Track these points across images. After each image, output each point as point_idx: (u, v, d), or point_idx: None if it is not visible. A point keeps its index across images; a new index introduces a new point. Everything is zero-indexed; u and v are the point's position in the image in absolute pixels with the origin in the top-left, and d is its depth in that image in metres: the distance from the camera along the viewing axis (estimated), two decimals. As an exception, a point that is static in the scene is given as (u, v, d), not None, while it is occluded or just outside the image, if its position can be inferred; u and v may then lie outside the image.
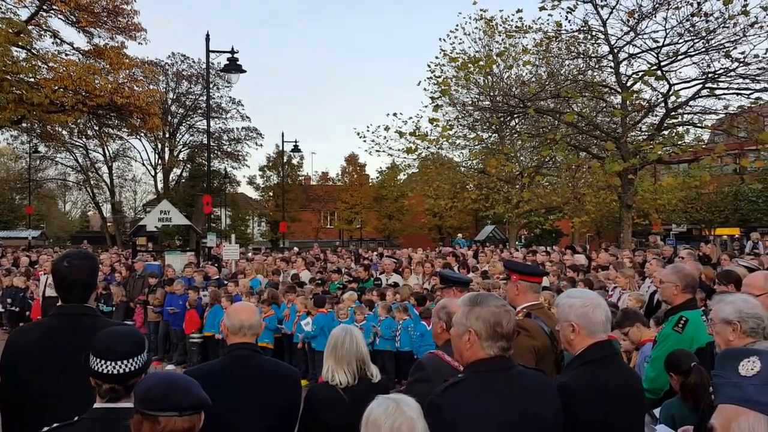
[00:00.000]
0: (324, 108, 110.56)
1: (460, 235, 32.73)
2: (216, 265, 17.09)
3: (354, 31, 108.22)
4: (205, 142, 25.50)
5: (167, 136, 43.19)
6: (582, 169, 23.02)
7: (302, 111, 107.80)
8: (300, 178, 49.82)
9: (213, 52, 17.57)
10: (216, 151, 41.98)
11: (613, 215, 27.60)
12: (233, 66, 17.17)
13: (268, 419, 3.28)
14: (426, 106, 33.49)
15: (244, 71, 17.36)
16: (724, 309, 3.23)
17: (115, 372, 2.40)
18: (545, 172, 25.46)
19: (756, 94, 14.57)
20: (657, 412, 4.16)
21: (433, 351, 3.61)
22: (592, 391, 2.85)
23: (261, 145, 47.88)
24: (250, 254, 22.76)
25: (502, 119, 17.75)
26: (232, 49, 16.99)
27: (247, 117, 43.32)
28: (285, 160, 42.59)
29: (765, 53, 13.58)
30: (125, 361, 2.42)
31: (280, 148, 39.11)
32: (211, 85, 34.88)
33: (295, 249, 24.32)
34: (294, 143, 34.78)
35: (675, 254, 13.27)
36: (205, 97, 29.93)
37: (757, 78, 14.16)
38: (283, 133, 45.46)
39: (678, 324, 4.37)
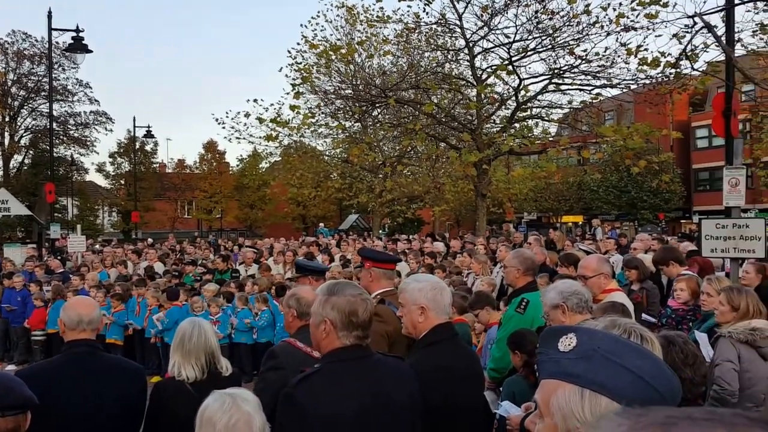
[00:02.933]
0: (180, 93, 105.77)
1: (322, 224, 32.75)
2: (60, 257, 15.99)
3: (212, 13, 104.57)
4: (49, 126, 23.51)
5: (6, 119, 39.45)
6: (441, 159, 23.83)
7: (156, 95, 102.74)
8: (154, 165, 47.38)
9: (56, 30, 16.54)
10: (61, 137, 38.93)
11: (470, 204, 28.87)
12: (78, 45, 16.26)
13: (110, 418, 3.11)
14: (288, 93, 33.00)
15: (90, 51, 16.46)
16: (549, 296, 3.46)
17: None
18: (407, 161, 26.07)
19: (596, 90, 15.72)
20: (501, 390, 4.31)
21: (286, 339, 3.55)
22: (435, 373, 2.89)
23: (111, 130, 44.80)
24: (98, 246, 21.34)
25: (363, 108, 17.87)
26: (77, 27, 16.05)
27: (96, 101, 40.28)
28: (137, 147, 40.50)
29: (605, 51, 14.68)
30: None
31: (132, 134, 37.21)
32: (55, 66, 32.45)
33: (149, 240, 23.15)
34: (147, 128, 33.20)
35: (525, 240, 14.07)
36: (48, 79, 27.68)
37: (597, 75, 15.25)
38: (134, 118, 42.90)
39: (520, 305, 4.57)
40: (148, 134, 33.96)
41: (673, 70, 12.28)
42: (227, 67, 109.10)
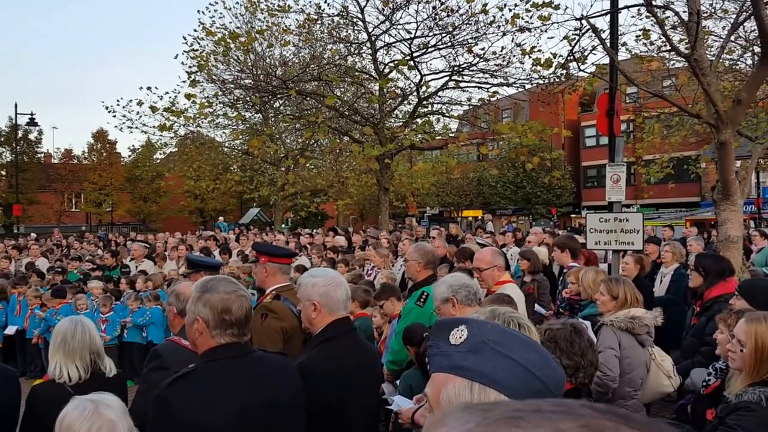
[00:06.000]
0: (67, 78, 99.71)
1: (221, 218, 31.91)
2: (-74, 256, 14.64)
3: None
4: None
5: None
6: (344, 153, 23.79)
7: (40, 80, 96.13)
8: (39, 155, 44.13)
9: None
10: (-68, 122, 35.68)
11: (374, 198, 29.03)
12: None
13: None
14: (183, 82, 31.80)
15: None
16: (439, 290, 3.52)
17: None
18: (309, 155, 25.84)
19: (494, 88, 16.21)
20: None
21: (169, 337, 3.44)
22: (326, 371, 2.86)
23: (-11, 116, 41.55)
24: (-24, 242, 19.71)
25: (264, 99, 17.52)
26: None
27: (-29, 84, 37.26)
28: (19, 135, 37.81)
29: (501, 51, 15.14)
30: None
31: (14, 121, 34.61)
32: None
33: (33, 235, 21.65)
34: (30, 116, 30.96)
35: (427, 234, 14.31)
36: None
37: (495, 73, 15.72)
38: (16, 104, 39.86)
39: (420, 299, 4.61)
40: (32, 122, 31.88)
41: (563, 71, 12.84)
42: (118, 54, 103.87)
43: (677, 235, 14.01)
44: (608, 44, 6.81)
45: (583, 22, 6.53)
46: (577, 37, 7.19)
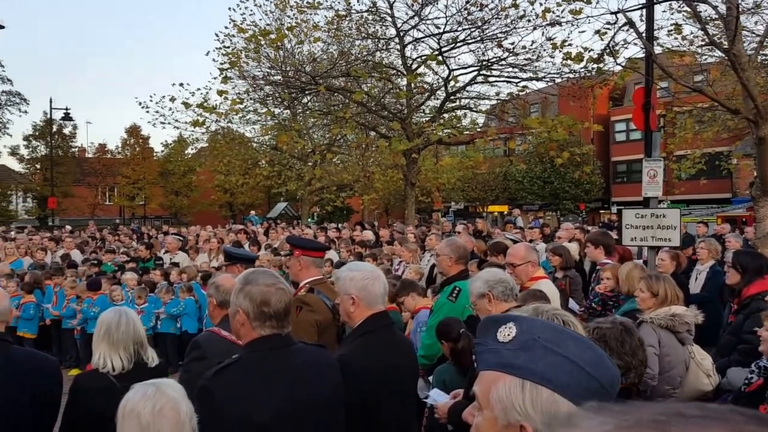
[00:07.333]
0: (101, 74, 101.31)
1: (253, 212, 32.20)
2: (-34, 245, 15.05)
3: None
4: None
5: None
6: (371, 147, 23.78)
7: (76, 76, 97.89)
8: (73, 149, 45.10)
9: None
10: (-29, 117, 36.60)
11: (399, 193, 29.03)
12: None
13: (20, 414, 2.93)
14: (215, 78, 32.10)
15: (2, 27, 15.53)
16: (475, 285, 3.49)
17: None
18: (336, 150, 25.91)
19: (523, 83, 16.06)
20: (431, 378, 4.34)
21: (210, 328, 3.49)
22: (368, 366, 2.87)
23: (26, 111, 42.56)
24: (13, 233, 20.17)
25: (293, 95, 17.61)
26: None
27: (9, 80, 38.03)
28: (54, 129, 38.48)
29: (531, 45, 15.00)
30: None
31: (49, 116, 35.27)
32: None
33: (68, 227, 22.08)
34: (65, 111, 31.58)
35: (453, 229, 14.25)
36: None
37: (524, 67, 15.58)
38: (51, 99, 40.56)
39: (452, 294, 4.60)
40: (66, 117, 32.49)
41: (595, 66, 12.69)
42: (152, 50, 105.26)
43: (710, 232, 13.78)
44: (644, 38, 6.71)
45: (619, 15, 6.45)
46: (613, 31, 7.10)
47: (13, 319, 8.26)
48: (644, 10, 6.81)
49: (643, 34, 6.80)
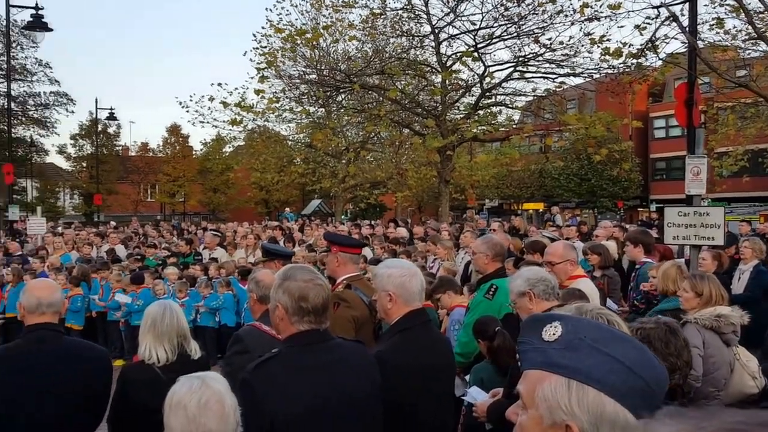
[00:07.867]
0: (143, 75, 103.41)
1: (288, 209, 32.51)
2: (19, 240, 15.55)
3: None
4: (7, 106, 22.88)
5: (-39, 99, 38.00)
6: (405, 145, 23.79)
7: (119, 77, 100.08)
8: (117, 148, 46.42)
9: (14, 7, 16.10)
10: (20, 117, 37.57)
11: (433, 190, 28.95)
12: (38, 23, 15.92)
13: (72, 404, 3.00)
14: (252, 77, 32.54)
15: (51, 30, 15.99)
16: (515, 283, 3.44)
17: None
18: (370, 147, 26.00)
19: (560, 79, 15.88)
20: (468, 377, 4.32)
21: (251, 323, 3.54)
22: (406, 363, 2.87)
23: (73, 111, 43.47)
24: (60, 228, 20.74)
25: (328, 93, 17.72)
26: (36, 5, 15.60)
27: (57, 81, 38.88)
28: (100, 129, 39.65)
29: (569, 40, 14.82)
30: None
31: (95, 116, 36.31)
32: (13, 45, 31.23)
33: (112, 223, 22.66)
34: (110, 111, 32.58)
35: (488, 227, 14.15)
36: (6, 57, 26.73)
37: (561, 63, 15.40)
38: (97, 100, 41.63)
39: (489, 291, 4.56)
40: (111, 117, 33.56)
41: (634, 61, 12.47)
42: (191, 51, 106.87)
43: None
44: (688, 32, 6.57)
45: (661, 9, 6.32)
46: (656, 25, 6.96)
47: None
48: (687, 3, 6.66)
49: (686, 29, 6.66)
